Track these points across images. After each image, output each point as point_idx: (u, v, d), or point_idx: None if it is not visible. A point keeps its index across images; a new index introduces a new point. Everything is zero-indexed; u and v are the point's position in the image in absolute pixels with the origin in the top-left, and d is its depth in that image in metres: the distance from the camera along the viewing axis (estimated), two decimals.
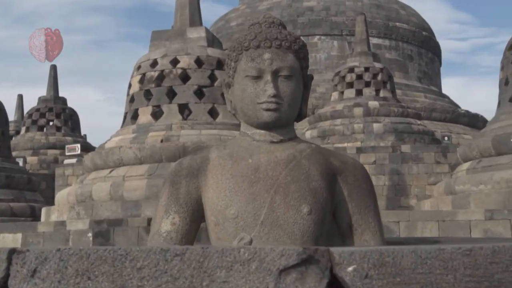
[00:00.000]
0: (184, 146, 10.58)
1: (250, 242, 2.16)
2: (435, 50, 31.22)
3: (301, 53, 2.59)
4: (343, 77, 19.53)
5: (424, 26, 30.66)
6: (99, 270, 1.23)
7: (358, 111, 18.52)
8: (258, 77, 2.51)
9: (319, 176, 2.48)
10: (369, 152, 16.67)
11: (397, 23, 28.93)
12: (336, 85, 19.80)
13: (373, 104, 18.74)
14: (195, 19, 12.57)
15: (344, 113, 18.68)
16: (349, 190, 2.54)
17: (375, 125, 18.18)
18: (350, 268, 1.24)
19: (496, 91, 11.47)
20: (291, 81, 2.53)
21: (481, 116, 27.38)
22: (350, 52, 21.77)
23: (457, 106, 28.55)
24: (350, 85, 19.38)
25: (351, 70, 19.36)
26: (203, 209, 2.55)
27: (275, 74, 2.50)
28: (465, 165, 10.85)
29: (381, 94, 19.22)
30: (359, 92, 19.22)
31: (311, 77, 2.73)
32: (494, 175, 9.63)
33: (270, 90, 2.47)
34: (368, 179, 2.61)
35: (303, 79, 2.65)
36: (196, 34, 12.13)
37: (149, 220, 9.37)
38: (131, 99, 11.95)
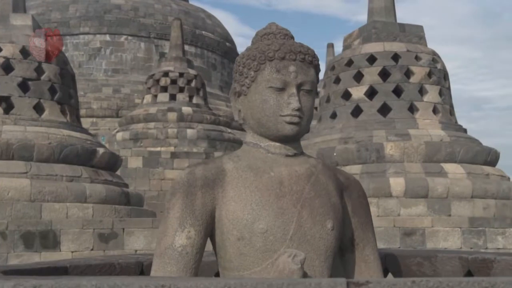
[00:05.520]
0: (8, 143, 9.66)
1: (304, 259, 2.10)
2: None
3: (318, 69, 2.59)
4: (157, 81, 19.40)
5: (227, 38, 31.74)
6: None
7: (172, 116, 18.53)
8: (282, 89, 2.45)
9: (335, 191, 2.50)
10: (183, 157, 16.78)
11: (204, 32, 29.56)
12: (149, 88, 19.58)
13: (187, 110, 18.90)
14: (19, 5, 11.58)
15: (158, 117, 18.56)
16: (353, 206, 2.60)
17: (189, 131, 18.36)
18: None
19: None
20: (310, 96, 2.51)
21: None
22: (161, 56, 21.62)
23: None
24: (164, 89, 19.31)
25: (166, 74, 19.32)
26: (214, 222, 2.41)
27: (298, 87, 2.47)
28: None
29: (194, 100, 19.47)
30: (172, 97, 19.24)
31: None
32: None
33: (295, 103, 2.42)
34: (365, 196, 2.70)
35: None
36: (21, 21, 11.15)
37: None
38: None
